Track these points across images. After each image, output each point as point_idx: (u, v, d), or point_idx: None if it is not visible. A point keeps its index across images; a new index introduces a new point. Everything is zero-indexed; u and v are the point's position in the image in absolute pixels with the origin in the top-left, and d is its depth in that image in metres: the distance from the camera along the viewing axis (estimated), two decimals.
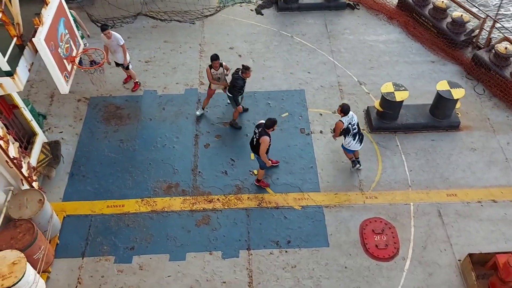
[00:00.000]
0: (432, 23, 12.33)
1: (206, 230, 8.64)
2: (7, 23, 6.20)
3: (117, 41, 10.02)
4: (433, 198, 9.06)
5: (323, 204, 8.98)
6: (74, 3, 13.32)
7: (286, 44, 12.43)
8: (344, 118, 8.69)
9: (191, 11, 13.34)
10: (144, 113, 10.70)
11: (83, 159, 9.78)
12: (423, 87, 11.18)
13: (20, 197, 7.78)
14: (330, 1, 13.39)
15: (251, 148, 8.89)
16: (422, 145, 9.97)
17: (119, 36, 10.05)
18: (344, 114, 8.67)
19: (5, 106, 8.43)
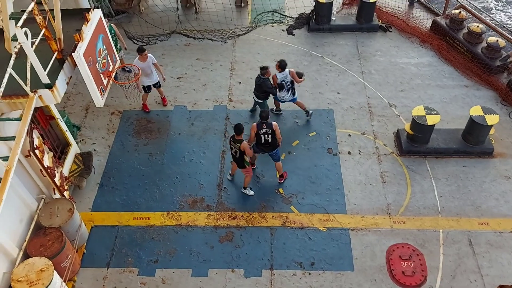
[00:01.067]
0: (467, 48, 12.14)
1: (229, 247, 8.63)
2: (50, 38, 6.48)
3: (152, 60, 10.32)
4: (463, 226, 8.78)
5: (349, 227, 8.84)
6: (113, 20, 13.82)
7: (316, 64, 12.48)
8: (279, 74, 9.95)
9: (224, 30, 13.61)
10: (173, 127, 10.89)
11: (113, 171, 10.00)
12: (455, 111, 10.96)
13: (51, 206, 8.00)
14: (362, 23, 13.41)
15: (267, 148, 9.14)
16: (454, 170, 9.73)
17: (152, 56, 10.34)
18: (282, 70, 9.94)
19: (42, 117, 8.76)
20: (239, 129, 8.52)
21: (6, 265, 7.09)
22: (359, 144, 10.33)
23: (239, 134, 8.54)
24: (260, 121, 8.92)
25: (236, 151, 8.71)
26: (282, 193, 9.44)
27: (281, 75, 10.01)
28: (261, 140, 8.99)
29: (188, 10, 14.49)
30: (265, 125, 8.86)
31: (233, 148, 8.74)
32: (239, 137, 8.55)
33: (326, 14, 13.33)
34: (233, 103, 11.43)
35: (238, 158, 8.79)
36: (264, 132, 8.88)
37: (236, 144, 8.60)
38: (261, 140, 8.98)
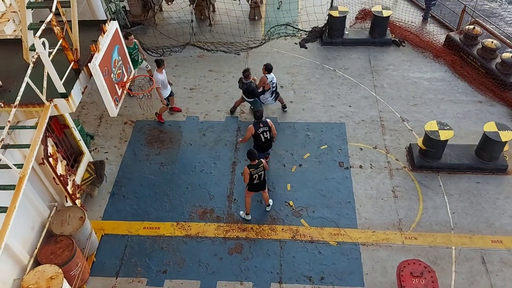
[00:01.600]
0: (481, 63, 12.07)
1: (238, 259, 8.59)
2: (67, 48, 6.60)
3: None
4: (476, 244, 8.65)
5: (360, 242, 8.75)
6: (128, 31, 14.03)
7: (328, 77, 12.50)
8: (268, 75, 10.32)
9: (237, 42, 13.73)
10: (185, 138, 10.96)
11: (125, 180, 10.07)
12: (469, 127, 10.87)
13: (63, 214, 8.07)
14: (375, 37, 13.43)
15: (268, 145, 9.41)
16: (466, 187, 9.61)
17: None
18: (268, 73, 10.36)
19: (57, 125, 8.89)
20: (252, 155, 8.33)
21: (16, 271, 7.15)
22: (371, 158, 10.28)
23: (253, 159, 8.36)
24: (255, 121, 9.15)
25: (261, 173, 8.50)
26: (292, 206, 9.40)
27: (269, 77, 10.46)
28: (261, 139, 9.16)
29: (202, 22, 14.67)
30: (262, 123, 9.12)
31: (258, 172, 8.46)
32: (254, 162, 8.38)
33: (339, 28, 13.38)
34: (244, 115, 11.47)
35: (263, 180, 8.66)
36: (263, 130, 9.11)
37: (259, 167, 8.41)
38: (261, 139, 9.15)
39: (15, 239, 6.93)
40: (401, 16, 14.30)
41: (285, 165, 10.22)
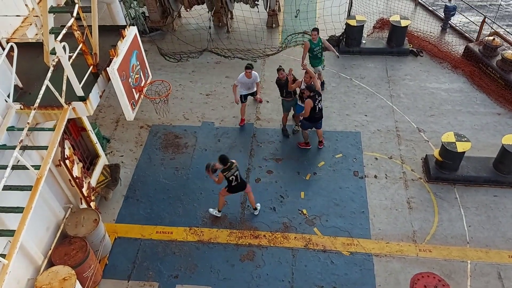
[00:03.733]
0: (500, 75, 11.90)
1: (250, 266, 8.56)
2: (86, 52, 6.71)
3: (256, 79, 10.75)
4: (493, 258, 8.47)
5: (373, 252, 8.65)
6: (146, 37, 14.23)
7: (344, 86, 12.45)
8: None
9: (254, 49, 13.78)
10: (200, 143, 11.01)
11: (139, 184, 10.14)
12: (487, 139, 10.69)
13: (78, 215, 8.16)
14: (392, 47, 13.35)
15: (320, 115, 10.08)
16: (483, 200, 9.44)
17: (256, 74, 10.77)
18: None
19: (74, 128, 9.02)
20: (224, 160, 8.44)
21: (31, 272, 7.24)
22: (386, 168, 10.18)
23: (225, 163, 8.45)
24: (311, 94, 9.62)
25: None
26: (305, 214, 9.35)
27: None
28: (316, 110, 9.86)
29: (220, 29, 14.78)
30: (317, 95, 9.79)
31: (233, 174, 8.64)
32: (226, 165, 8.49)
33: (357, 37, 13.35)
34: (260, 122, 11.49)
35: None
36: (318, 101, 9.85)
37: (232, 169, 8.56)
38: (316, 109, 9.86)
39: (30, 239, 7.03)
40: (420, 26, 14.20)
41: (299, 173, 10.18)
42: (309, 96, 9.65)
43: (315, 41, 11.09)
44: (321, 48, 11.25)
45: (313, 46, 11.16)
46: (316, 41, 11.10)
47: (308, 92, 9.65)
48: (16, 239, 5.77)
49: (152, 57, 13.52)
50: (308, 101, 9.65)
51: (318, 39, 11.12)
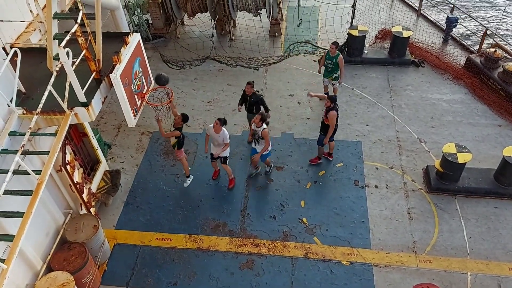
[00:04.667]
0: (501, 87, 11.93)
1: (249, 275, 8.53)
2: (89, 59, 6.75)
3: (225, 138, 9.22)
4: (493, 270, 8.42)
5: (373, 263, 8.61)
6: (149, 44, 14.31)
7: (346, 95, 12.48)
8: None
9: (256, 58, 13.85)
10: (200, 150, 11.02)
11: (139, 190, 10.14)
12: (488, 151, 10.69)
13: (77, 221, 8.14)
14: (394, 57, 13.40)
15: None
16: (484, 211, 9.41)
17: (226, 134, 9.22)
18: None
19: (76, 133, 9.04)
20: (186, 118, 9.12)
21: (29, 277, 7.22)
22: (387, 178, 10.17)
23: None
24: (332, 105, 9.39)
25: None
26: (305, 223, 9.33)
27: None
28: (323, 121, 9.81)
29: (223, 37, 14.86)
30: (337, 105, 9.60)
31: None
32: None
33: (359, 47, 13.41)
34: None
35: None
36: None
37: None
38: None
39: (29, 244, 7.02)
40: (421, 37, 14.27)
41: (300, 182, 10.17)
42: (332, 108, 9.39)
43: (332, 55, 10.96)
44: (334, 64, 11.05)
45: (327, 58, 11.12)
46: (333, 55, 10.94)
47: (330, 102, 9.36)
48: (16, 244, 5.76)
49: (154, 64, 13.58)
50: (333, 112, 9.37)
51: (336, 55, 10.91)
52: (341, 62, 10.99)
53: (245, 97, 10.28)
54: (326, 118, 9.53)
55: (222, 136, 9.14)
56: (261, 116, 9.12)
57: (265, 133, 9.21)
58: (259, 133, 9.24)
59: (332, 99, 9.39)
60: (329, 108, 9.39)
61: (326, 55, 11.15)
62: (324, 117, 9.61)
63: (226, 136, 9.18)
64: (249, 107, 10.34)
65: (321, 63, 11.50)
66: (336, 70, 11.16)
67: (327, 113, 9.45)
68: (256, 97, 10.19)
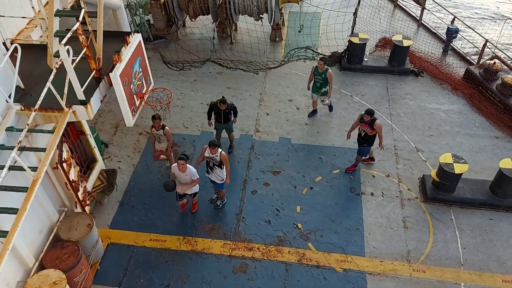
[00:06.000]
0: (499, 99, 11.98)
1: (242, 279, 8.50)
2: (90, 57, 6.74)
3: (192, 174, 8.58)
4: (486, 282, 8.43)
5: (367, 270, 8.60)
6: (150, 44, 14.32)
7: (345, 102, 12.50)
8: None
9: (256, 62, 13.87)
10: (198, 152, 10.99)
11: (135, 190, 10.11)
12: (484, 162, 10.72)
13: (72, 219, 8.11)
14: (394, 66, 13.45)
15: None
16: (479, 222, 9.43)
17: (193, 170, 8.58)
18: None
19: (73, 131, 9.01)
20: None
21: (21, 274, 7.17)
22: (383, 186, 10.18)
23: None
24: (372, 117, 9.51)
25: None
26: (300, 229, 9.31)
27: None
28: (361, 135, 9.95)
29: (223, 40, 14.88)
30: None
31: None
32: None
33: (359, 55, 13.45)
34: (259, 134, 11.51)
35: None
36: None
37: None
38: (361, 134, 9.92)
39: (22, 241, 6.98)
40: (421, 47, 14.34)
41: (296, 187, 10.16)
42: (375, 118, 9.55)
43: (320, 70, 10.91)
44: (323, 79, 10.96)
45: (315, 73, 11.03)
46: (321, 70, 10.89)
47: (370, 116, 9.44)
48: (9, 240, 5.72)
49: (154, 64, 13.58)
50: (378, 122, 9.55)
51: (324, 70, 10.86)
52: (330, 77, 10.92)
53: (218, 111, 10.16)
54: (371, 130, 9.61)
55: (189, 173, 8.48)
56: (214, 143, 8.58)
57: (224, 156, 8.70)
58: (217, 158, 8.69)
59: (370, 112, 9.46)
60: (373, 120, 9.53)
61: (314, 71, 11.02)
62: (369, 130, 9.65)
63: (193, 172, 8.49)
64: (224, 117, 10.24)
65: (309, 78, 11.35)
66: (325, 85, 11.07)
67: (373, 125, 9.55)
68: (229, 106, 10.15)
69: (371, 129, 9.64)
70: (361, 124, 9.79)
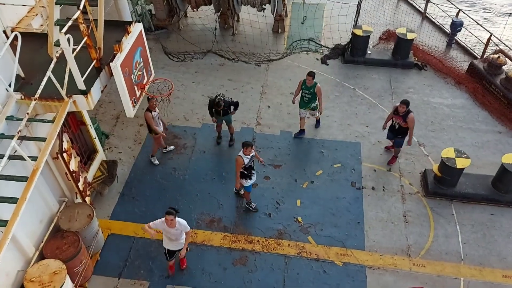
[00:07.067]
0: (503, 93, 11.89)
1: (242, 271, 8.50)
2: (90, 46, 6.68)
3: (184, 227, 7.55)
4: (486, 277, 8.41)
5: (367, 264, 8.59)
6: (151, 35, 14.22)
7: (347, 95, 12.43)
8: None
9: (258, 54, 13.77)
10: (199, 145, 10.96)
11: (136, 182, 10.09)
12: (486, 157, 10.66)
13: (72, 210, 8.10)
14: (397, 59, 13.34)
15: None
16: (480, 218, 9.39)
17: (184, 223, 7.53)
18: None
19: (74, 121, 8.97)
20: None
21: (21, 263, 7.18)
22: (384, 180, 10.14)
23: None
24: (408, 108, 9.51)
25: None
26: (300, 222, 9.29)
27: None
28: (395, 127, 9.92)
29: (225, 31, 14.77)
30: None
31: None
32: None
33: (362, 47, 13.35)
34: (260, 127, 11.45)
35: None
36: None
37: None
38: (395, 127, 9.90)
39: (22, 231, 6.96)
40: (425, 40, 14.21)
41: (296, 180, 10.13)
42: (410, 111, 9.51)
43: (308, 85, 10.19)
44: (311, 94, 10.27)
45: (303, 88, 10.34)
46: (309, 85, 10.17)
47: (406, 107, 9.41)
48: (8, 229, 5.71)
49: (156, 55, 13.50)
50: (412, 115, 9.51)
51: (313, 85, 10.15)
52: (319, 92, 10.26)
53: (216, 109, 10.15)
54: (405, 122, 9.57)
55: (179, 227, 7.45)
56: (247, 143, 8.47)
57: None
58: (253, 153, 8.63)
59: (406, 102, 9.45)
60: (408, 112, 9.49)
61: (302, 85, 10.33)
62: (402, 122, 9.61)
63: (184, 224, 7.44)
64: (223, 111, 10.20)
65: (296, 92, 10.65)
66: (314, 100, 10.45)
67: (406, 117, 9.51)
68: (227, 104, 10.13)
69: (404, 122, 9.62)
70: (395, 117, 9.77)
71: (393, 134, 10.10)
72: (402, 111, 9.53)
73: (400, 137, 10.00)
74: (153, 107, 9.36)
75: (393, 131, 10.05)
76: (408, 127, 9.64)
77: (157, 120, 9.65)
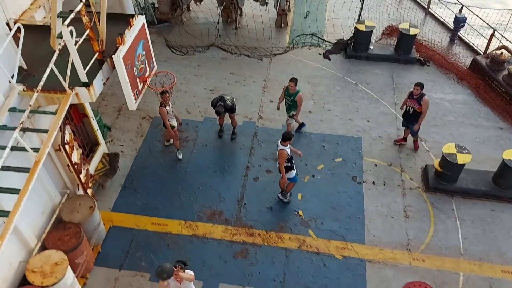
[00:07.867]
0: (505, 90, 11.86)
1: (242, 264, 8.55)
2: (93, 39, 6.70)
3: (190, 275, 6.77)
4: (485, 272, 8.45)
5: (366, 258, 8.63)
6: (154, 28, 14.22)
7: (349, 90, 12.42)
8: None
9: (261, 48, 13.76)
10: (201, 138, 10.99)
11: (137, 174, 10.13)
12: (487, 153, 10.66)
13: (74, 201, 8.15)
14: (400, 55, 13.32)
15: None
16: (480, 213, 9.42)
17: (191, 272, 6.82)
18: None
19: (76, 114, 9.01)
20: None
21: (23, 254, 7.24)
22: (385, 175, 10.16)
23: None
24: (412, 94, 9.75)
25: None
26: (301, 216, 9.34)
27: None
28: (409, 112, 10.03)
29: (228, 25, 14.76)
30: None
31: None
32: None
33: (365, 42, 13.32)
34: (262, 121, 11.47)
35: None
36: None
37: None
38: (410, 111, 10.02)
39: (24, 221, 7.02)
40: (428, 36, 14.17)
41: (298, 174, 10.13)
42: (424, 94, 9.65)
43: (290, 92, 9.96)
44: (292, 101, 10.07)
45: (286, 94, 10.13)
46: (292, 92, 9.93)
47: (420, 89, 9.58)
48: (10, 220, 5.76)
49: (158, 48, 13.50)
50: (427, 98, 9.66)
51: (295, 93, 9.90)
52: (299, 100, 9.98)
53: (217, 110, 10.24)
54: (419, 105, 9.70)
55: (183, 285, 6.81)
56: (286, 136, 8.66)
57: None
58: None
59: (420, 84, 9.56)
60: (422, 95, 9.61)
61: (285, 91, 10.14)
62: (416, 106, 9.76)
63: (191, 273, 6.76)
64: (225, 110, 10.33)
65: (280, 98, 10.45)
66: (294, 108, 10.21)
67: (421, 99, 9.62)
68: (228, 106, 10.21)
69: (418, 105, 9.73)
70: (410, 101, 9.89)
71: (407, 121, 10.24)
72: (416, 94, 9.66)
73: (414, 123, 10.12)
74: (167, 102, 9.38)
75: (407, 117, 10.16)
76: (422, 111, 9.71)
77: (171, 114, 9.68)
